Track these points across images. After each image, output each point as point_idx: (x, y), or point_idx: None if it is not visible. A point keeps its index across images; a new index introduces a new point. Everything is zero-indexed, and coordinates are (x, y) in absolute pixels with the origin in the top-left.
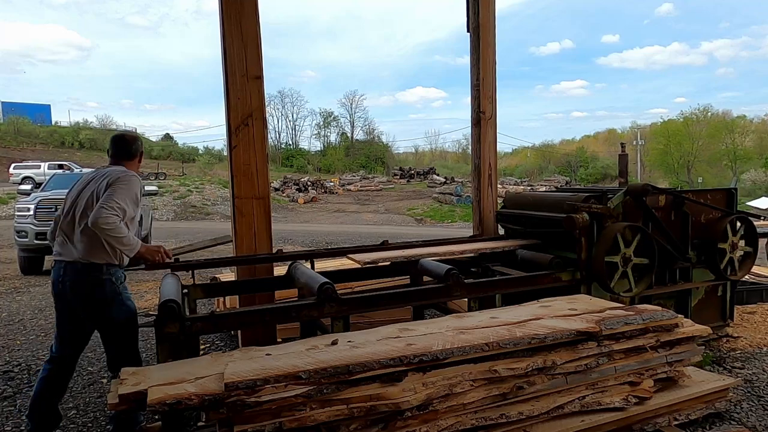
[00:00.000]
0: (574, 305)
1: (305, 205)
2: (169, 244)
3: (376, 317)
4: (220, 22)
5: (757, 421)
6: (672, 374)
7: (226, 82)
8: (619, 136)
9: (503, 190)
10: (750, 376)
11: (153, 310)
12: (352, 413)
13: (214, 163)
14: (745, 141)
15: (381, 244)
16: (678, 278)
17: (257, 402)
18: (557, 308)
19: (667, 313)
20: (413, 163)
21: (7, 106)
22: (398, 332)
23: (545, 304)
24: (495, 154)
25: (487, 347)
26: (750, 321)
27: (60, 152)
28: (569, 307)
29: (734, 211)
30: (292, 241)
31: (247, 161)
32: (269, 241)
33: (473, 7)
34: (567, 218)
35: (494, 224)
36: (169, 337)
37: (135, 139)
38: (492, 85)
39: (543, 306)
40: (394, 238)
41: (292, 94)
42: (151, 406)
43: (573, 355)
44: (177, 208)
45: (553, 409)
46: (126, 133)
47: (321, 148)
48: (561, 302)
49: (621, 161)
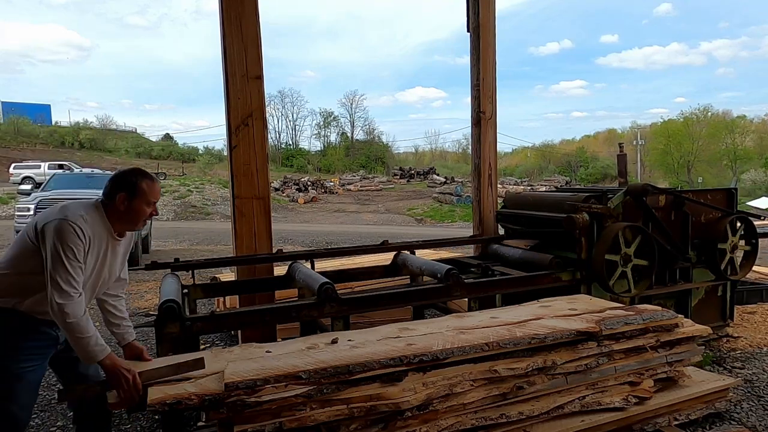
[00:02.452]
0: (575, 305)
1: (305, 205)
2: (169, 243)
3: (376, 317)
4: (220, 22)
5: (757, 421)
6: (672, 374)
7: (226, 82)
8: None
9: (503, 190)
10: (750, 376)
11: (153, 310)
12: (352, 413)
13: (214, 163)
14: (745, 141)
15: (381, 244)
16: (678, 278)
17: (257, 402)
18: (557, 308)
19: (667, 313)
20: (413, 163)
21: (7, 106)
22: (398, 332)
23: (545, 304)
24: (495, 154)
25: (487, 347)
26: (750, 321)
27: (60, 152)
28: (569, 307)
29: (734, 211)
30: (292, 241)
31: (247, 161)
32: (269, 241)
33: (473, 7)
34: (567, 218)
35: (494, 224)
36: (169, 337)
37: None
38: (492, 85)
39: (543, 306)
40: (394, 238)
41: (292, 94)
42: (151, 406)
43: (573, 355)
44: (177, 208)
45: (553, 409)
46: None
47: (321, 148)
48: (561, 302)
49: (620, 161)
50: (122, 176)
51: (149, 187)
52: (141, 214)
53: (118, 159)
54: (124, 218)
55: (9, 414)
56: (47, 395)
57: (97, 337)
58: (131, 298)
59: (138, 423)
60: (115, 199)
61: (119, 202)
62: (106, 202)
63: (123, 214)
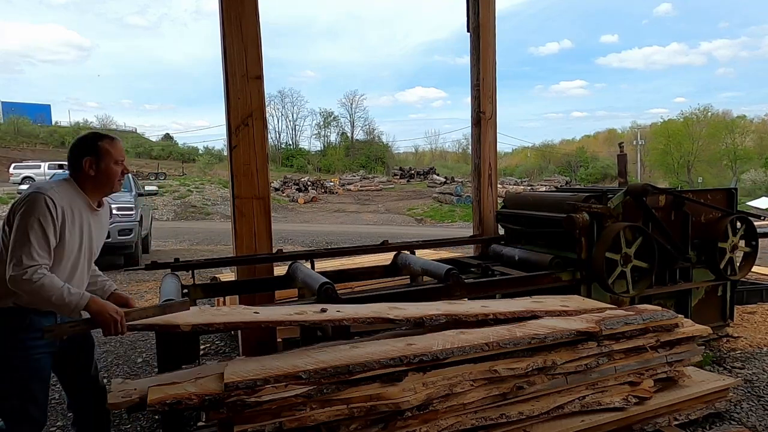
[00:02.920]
0: (567, 303)
1: (305, 205)
2: (169, 243)
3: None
4: (220, 22)
5: (757, 421)
6: (672, 374)
7: (226, 82)
8: (619, 136)
9: (503, 190)
10: (750, 376)
11: None
12: (352, 413)
13: (214, 163)
14: (745, 141)
15: (381, 244)
16: (678, 278)
17: (257, 402)
18: (549, 304)
19: (667, 313)
20: (413, 163)
21: (7, 106)
22: (388, 309)
23: (538, 300)
24: (495, 154)
25: (487, 347)
26: (750, 321)
27: (60, 152)
28: (561, 303)
29: (734, 211)
30: (292, 241)
31: (247, 161)
32: (269, 241)
33: (473, 7)
34: (567, 218)
35: (494, 224)
36: (170, 337)
37: (77, 142)
38: (492, 85)
39: (535, 302)
40: (394, 238)
41: (292, 94)
42: (151, 406)
43: (573, 355)
44: (177, 208)
45: (553, 409)
46: (81, 135)
47: (321, 148)
48: (554, 299)
49: (620, 161)
50: (82, 141)
51: (111, 145)
52: (113, 174)
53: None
54: (98, 183)
55: (29, 417)
56: None
57: (69, 287)
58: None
59: (138, 423)
60: (82, 166)
61: (87, 168)
62: (75, 174)
63: (95, 179)
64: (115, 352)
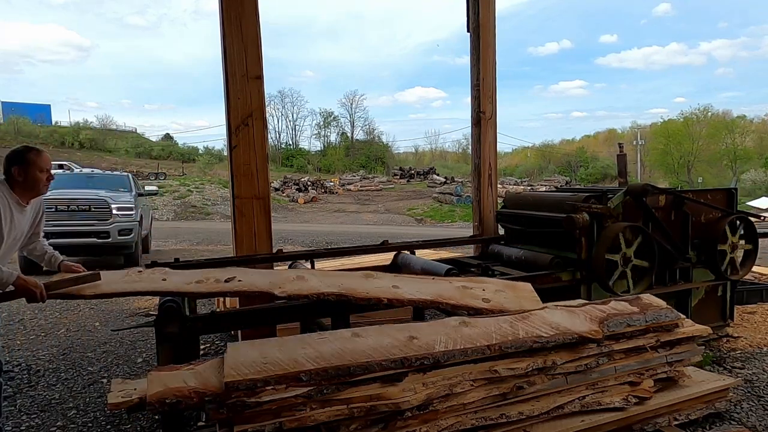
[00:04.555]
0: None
1: (305, 205)
2: (169, 243)
3: (376, 317)
4: (220, 22)
5: (757, 421)
6: (672, 374)
7: (226, 82)
8: (619, 136)
9: (503, 190)
10: (750, 376)
11: (153, 310)
12: (353, 413)
13: (214, 163)
14: (745, 141)
15: (381, 244)
16: (678, 278)
17: (258, 402)
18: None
19: (672, 313)
20: (413, 163)
21: (7, 106)
22: (364, 278)
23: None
24: (495, 154)
25: (488, 350)
26: (750, 321)
27: (60, 152)
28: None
29: (734, 211)
30: (292, 241)
31: (247, 161)
32: (269, 241)
33: (473, 8)
34: (567, 218)
35: (494, 224)
36: (170, 336)
37: (10, 154)
38: (492, 85)
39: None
40: (394, 238)
41: (292, 94)
42: (151, 405)
43: (573, 355)
44: (177, 208)
45: (553, 409)
46: (14, 148)
47: (321, 148)
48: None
49: (620, 161)
50: (12, 154)
51: (37, 157)
52: (38, 181)
53: (118, 159)
54: (25, 186)
55: None
56: (47, 395)
57: (1, 267)
58: (131, 298)
59: (138, 423)
60: (11, 173)
61: (16, 175)
62: (7, 179)
63: (23, 184)
64: (115, 352)
